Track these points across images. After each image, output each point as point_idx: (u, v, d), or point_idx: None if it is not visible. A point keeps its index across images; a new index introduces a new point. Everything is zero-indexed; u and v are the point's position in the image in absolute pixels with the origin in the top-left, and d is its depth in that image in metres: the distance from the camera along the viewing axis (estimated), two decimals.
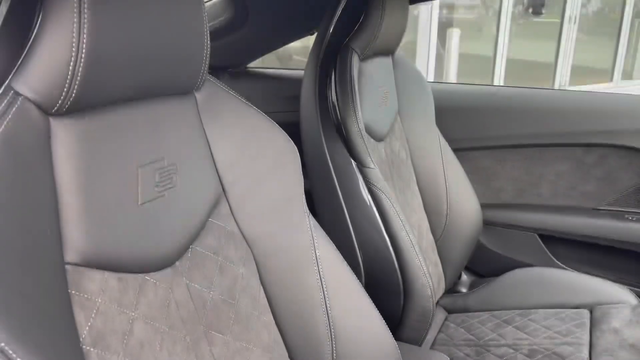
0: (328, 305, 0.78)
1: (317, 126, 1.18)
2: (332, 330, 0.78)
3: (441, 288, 1.46)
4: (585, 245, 1.56)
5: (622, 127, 1.48)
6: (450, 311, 1.53)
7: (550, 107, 1.59)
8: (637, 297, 1.34)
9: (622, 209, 1.53)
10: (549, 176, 1.60)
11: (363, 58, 1.23)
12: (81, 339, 0.51)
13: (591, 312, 1.32)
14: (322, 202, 1.21)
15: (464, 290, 1.59)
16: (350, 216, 1.13)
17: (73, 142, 0.53)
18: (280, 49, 1.73)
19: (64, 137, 0.52)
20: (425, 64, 5.25)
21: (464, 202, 1.48)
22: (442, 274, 1.45)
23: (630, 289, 1.37)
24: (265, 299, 0.77)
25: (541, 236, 1.60)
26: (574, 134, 1.53)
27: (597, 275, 1.42)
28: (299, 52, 3.73)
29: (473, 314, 1.45)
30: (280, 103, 1.69)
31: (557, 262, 1.59)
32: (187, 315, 0.64)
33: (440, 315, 1.51)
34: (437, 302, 1.53)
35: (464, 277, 1.65)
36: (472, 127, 1.66)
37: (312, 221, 0.81)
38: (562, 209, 1.59)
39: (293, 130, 1.06)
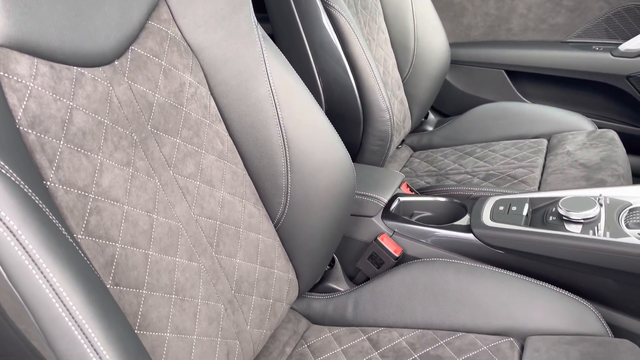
0: (280, 116, 0.79)
1: None
2: (285, 140, 0.80)
3: (407, 126, 1.48)
4: (551, 80, 1.57)
5: None
6: (415, 149, 1.57)
7: None
8: (595, 126, 1.38)
9: (590, 40, 1.51)
10: (520, 9, 1.56)
11: None
12: (16, 121, 0.51)
13: (549, 141, 1.36)
14: (280, 33, 1.18)
15: (430, 129, 1.63)
16: (309, 42, 1.10)
17: None
18: None
19: None
20: None
21: (432, 38, 1.45)
22: (408, 111, 1.47)
23: (592, 121, 1.40)
24: (216, 109, 0.77)
25: (508, 72, 1.60)
26: None
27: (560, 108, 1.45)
28: None
29: (437, 150, 1.50)
30: None
31: (522, 98, 1.61)
32: (132, 115, 0.64)
33: (406, 152, 1.56)
34: (403, 141, 1.57)
35: (431, 116, 1.68)
36: None
37: (261, 31, 0.79)
38: (530, 43, 1.58)
39: None
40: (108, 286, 0.55)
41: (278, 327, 0.89)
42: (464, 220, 0.95)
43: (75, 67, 0.58)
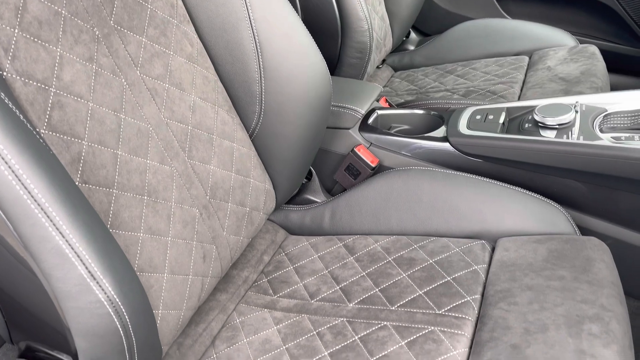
0: (252, 18, 0.76)
1: None
2: (258, 44, 0.77)
3: (388, 44, 1.45)
4: None
5: None
6: (396, 69, 1.55)
7: None
8: (577, 42, 1.36)
9: None
10: None
11: None
12: None
13: (530, 57, 1.35)
14: None
15: (411, 48, 1.59)
16: None
17: None
18: None
19: None
20: None
21: None
22: (389, 29, 1.43)
23: (577, 38, 1.38)
24: (184, 9, 0.74)
25: None
26: None
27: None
28: None
29: (418, 69, 1.47)
30: None
31: (505, 16, 1.58)
32: (93, 8, 0.61)
33: (387, 72, 1.53)
34: (384, 61, 1.54)
35: (412, 35, 1.64)
36: None
37: None
38: None
39: None
40: (76, 184, 0.55)
41: (256, 236, 0.90)
42: (440, 131, 0.94)
43: None
